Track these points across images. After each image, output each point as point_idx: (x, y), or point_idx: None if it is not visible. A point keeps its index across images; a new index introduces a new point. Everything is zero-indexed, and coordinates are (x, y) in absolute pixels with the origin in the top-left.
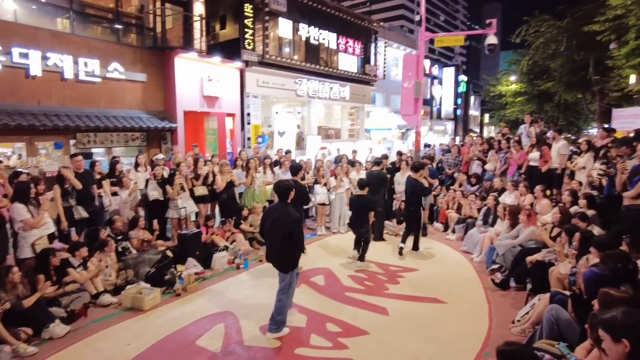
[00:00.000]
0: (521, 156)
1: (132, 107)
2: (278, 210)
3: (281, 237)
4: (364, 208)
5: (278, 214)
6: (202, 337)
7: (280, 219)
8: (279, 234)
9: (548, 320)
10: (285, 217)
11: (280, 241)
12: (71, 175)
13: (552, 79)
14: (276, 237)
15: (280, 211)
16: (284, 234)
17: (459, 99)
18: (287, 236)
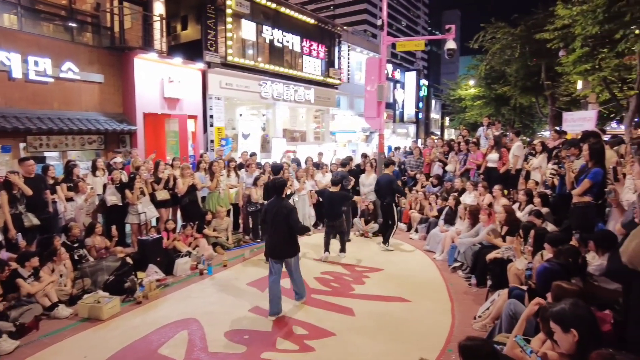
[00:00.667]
0: (478, 156)
1: (89, 109)
2: (277, 204)
3: (286, 226)
4: (337, 203)
5: (278, 207)
6: (165, 346)
7: (281, 210)
8: (283, 223)
9: (507, 315)
10: (285, 208)
11: (286, 229)
12: (19, 181)
13: (508, 84)
14: (282, 226)
15: (280, 204)
16: (287, 223)
17: (420, 103)
18: (290, 224)
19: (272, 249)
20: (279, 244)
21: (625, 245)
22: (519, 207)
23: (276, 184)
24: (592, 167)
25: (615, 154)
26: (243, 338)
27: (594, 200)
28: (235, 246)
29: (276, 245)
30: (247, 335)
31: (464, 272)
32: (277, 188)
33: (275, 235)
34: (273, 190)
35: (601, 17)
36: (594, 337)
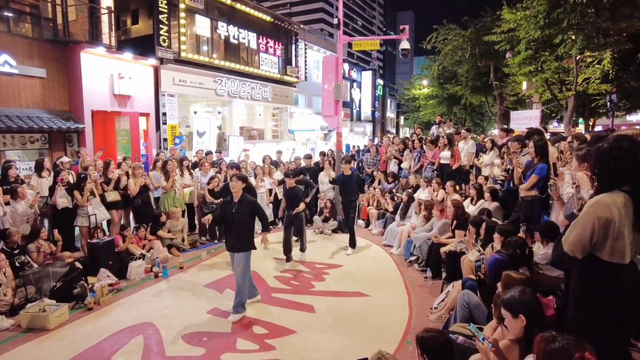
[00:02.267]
0: (435, 155)
1: (30, 105)
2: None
3: (249, 216)
4: (297, 198)
5: (239, 199)
6: (119, 352)
7: (244, 201)
8: (247, 213)
9: (461, 305)
10: (247, 199)
11: (248, 221)
12: None
13: (459, 84)
14: (245, 217)
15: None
16: (252, 212)
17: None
18: (253, 214)
19: (230, 243)
20: (238, 237)
21: (566, 234)
22: (471, 202)
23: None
24: (538, 163)
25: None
26: (202, 340)
27: (539, 194)
28: (192, 248)
29: (233, 238)
30: (205, 337)
31: (420, 265)
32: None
33: (232, 230)
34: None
35: (542, 23)
36: (539, 322)
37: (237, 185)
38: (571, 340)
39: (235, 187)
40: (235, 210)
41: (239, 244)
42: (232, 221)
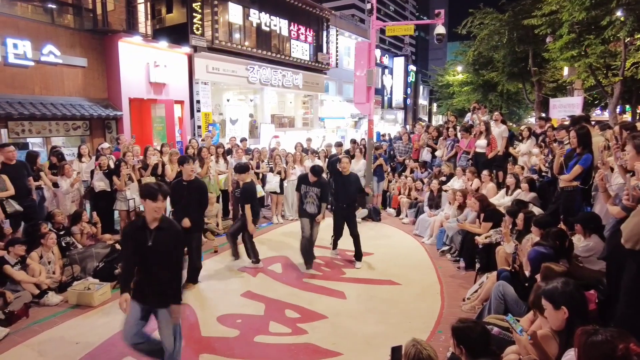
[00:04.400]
0: (470, 143)
1: (72, 93)
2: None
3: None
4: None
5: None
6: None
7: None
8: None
9: (496, 297)
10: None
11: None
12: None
13: (495, 70)
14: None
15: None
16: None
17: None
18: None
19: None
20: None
21: (625, 224)
22: (507, 192)
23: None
24: (581, 152)
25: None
26: (236, 322)
27: (581, 185)
28: (225, 232)
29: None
30: (239, 320)
31: (453, 255)
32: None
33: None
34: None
35: (588, 3)
36: (581, 315)
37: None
38: (614, 332)
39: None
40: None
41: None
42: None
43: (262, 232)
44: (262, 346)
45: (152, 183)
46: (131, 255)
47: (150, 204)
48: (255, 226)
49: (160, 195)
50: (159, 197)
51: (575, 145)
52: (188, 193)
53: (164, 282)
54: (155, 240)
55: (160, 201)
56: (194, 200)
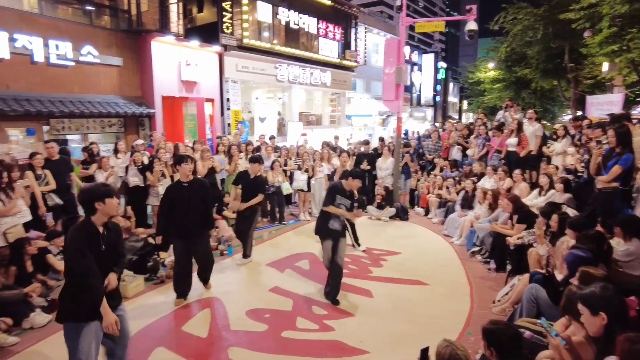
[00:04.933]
0: (501, 142)
1: (108, 92)
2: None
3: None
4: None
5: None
6: (188, 323)
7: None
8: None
9: (528, 299)
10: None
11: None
12: (32, 178)
13: (529, 66)
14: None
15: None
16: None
17: (438, 86)
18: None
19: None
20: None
21: None
22: (540, 192)
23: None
24: (621, 152)
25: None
26: (264, 317)
27: (622, 186)
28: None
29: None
30: (267, 314)
31: (483, 256)
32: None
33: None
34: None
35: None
36: (621, 321)
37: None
38: None
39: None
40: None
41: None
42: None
43: (290, 228)
44: (289, 341)
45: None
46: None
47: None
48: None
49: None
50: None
51: (614, 144)
52: (189, 194)
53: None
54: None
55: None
56: (197, 201)
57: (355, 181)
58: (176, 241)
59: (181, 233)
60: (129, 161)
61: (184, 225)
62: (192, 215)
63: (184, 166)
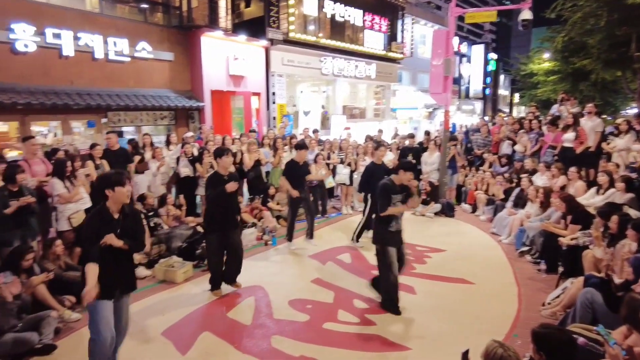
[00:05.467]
0: (556, 137)
1: (160, 86)
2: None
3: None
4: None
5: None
6: (233, 310)
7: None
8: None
9: (582, 304)
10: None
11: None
12: (92, 167)
13: (589, 57)
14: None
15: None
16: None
17: (488, 78)
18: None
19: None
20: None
21: None
22: (598, 191)
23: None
24: None
25: None
26: (306, 307)
27: None
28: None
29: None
30: (309, 305)
31: (533, 257)
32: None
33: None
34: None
35: None
36: None
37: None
38: None
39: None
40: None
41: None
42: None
43: (332, 222)
44: (330, 333)
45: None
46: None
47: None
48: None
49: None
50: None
51: None
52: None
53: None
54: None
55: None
56: (234, 195)
57: (407, 174)
58: (211, 235)
59: (217, 226)
60: (179, 152)
61: (222, 217)
62: (230, 208)
63: (225, 159)
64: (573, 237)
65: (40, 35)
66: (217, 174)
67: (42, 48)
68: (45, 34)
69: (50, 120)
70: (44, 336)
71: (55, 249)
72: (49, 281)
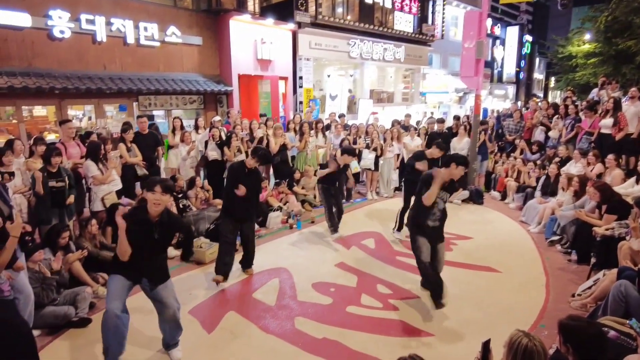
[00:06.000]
0: (594, 123)
1: (189, 70)
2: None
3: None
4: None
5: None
6: (258, 291)
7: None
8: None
9: (615, 297)
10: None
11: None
12: (124, 150)
13: (634, 37)
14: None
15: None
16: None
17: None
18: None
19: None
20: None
21: None
22: (637, 180)
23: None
24: None
25: None
26: (329, 290)
27: None
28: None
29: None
30: (333, 289)
31: (563, 246)
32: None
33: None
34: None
35: None
36: None
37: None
38: None
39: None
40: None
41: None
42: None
43: (357, 207)
44: (353, 317)
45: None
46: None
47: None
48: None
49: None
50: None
51: None
52: (250, 180)
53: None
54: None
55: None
56: (254, 189)
57: (459, 168)
58: (226, 219)
59: (230, 212)
60: (208, 136)
61: (237, 207)
62: (245, 200)
63: (251, 160)
64: (608, 227)
65: (75, 22)
66: (241, 165)
67: (77, 34)
68: (80, 20)
69: (84, 104)
70: (80, 310)
71: (90, 229)
72: (84, 259)
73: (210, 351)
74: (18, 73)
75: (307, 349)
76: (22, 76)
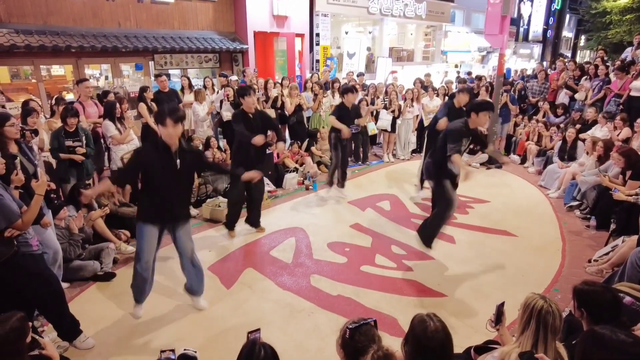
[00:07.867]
0: (624, 85)
1: (204, 27)
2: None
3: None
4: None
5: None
6: (275, 249)
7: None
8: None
9: (633, 263)
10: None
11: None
12: (144, 109)
13: None
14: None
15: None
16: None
17: (551, 18)
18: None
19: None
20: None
21: None
22: None
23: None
24: None
25: None
26: (344, 250)
27: None
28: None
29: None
30: (348, 248)
31: (583, 212)
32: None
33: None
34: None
35: None
36: None
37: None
38: None
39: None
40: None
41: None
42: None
43: (373, 169)
44: (367, 275)
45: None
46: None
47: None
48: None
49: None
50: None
51: None
52: (255, 125)
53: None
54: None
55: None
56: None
57: (481, 115)
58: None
59: (242, 162)
60: (223, 96)
61: (250, 158)
62: (258, 147)
63: (247, 99)
64: (630, 193)
65: None
66: (243, 111)
67: None
68: None
69: (100, 63)
70: (105, 265)
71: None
72: (106, 217)
73: (230, 305)
74: (34, 31)
75: (322, 305)
76: (39, 34)
